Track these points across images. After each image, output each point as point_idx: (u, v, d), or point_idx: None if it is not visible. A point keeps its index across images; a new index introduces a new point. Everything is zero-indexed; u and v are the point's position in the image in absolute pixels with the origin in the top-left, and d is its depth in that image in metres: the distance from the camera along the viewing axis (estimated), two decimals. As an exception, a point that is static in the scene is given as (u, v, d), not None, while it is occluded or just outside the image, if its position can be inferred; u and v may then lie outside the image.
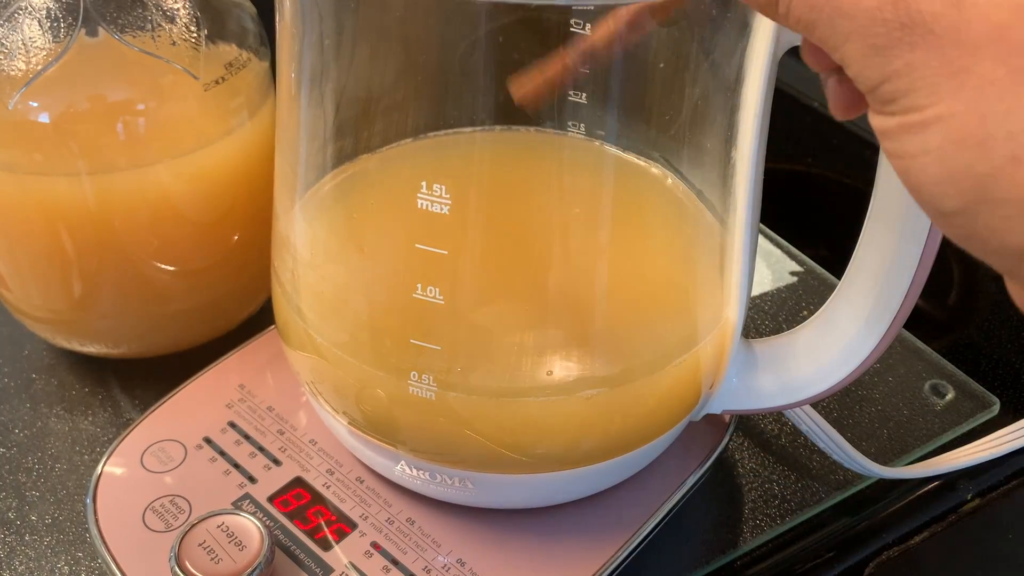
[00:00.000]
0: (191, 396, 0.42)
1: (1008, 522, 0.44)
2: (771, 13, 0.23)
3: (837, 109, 0.27)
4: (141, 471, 0.38)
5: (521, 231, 0.36)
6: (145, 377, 0.46)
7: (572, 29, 0.31)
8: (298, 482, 0.38)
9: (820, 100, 0.60)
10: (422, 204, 0.30)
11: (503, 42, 0.31)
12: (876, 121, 0.22)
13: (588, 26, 0.30)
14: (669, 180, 0.38)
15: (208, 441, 0.40)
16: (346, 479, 0.38)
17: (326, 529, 0.36)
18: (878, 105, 0.22)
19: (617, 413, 0.34)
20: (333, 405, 0.35)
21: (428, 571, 0.35)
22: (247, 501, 0.37)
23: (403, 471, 0.36)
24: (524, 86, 0.30)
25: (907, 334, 0.50)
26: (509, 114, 0.36)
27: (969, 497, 0.42)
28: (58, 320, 0.43)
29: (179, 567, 0.33)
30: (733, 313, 0.35)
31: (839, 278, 0.35)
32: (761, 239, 0.55)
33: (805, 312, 0.52)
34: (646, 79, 0.32)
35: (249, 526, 0.35)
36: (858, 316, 0.34)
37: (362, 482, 0.38)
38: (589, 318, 0.34)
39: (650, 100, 0.34)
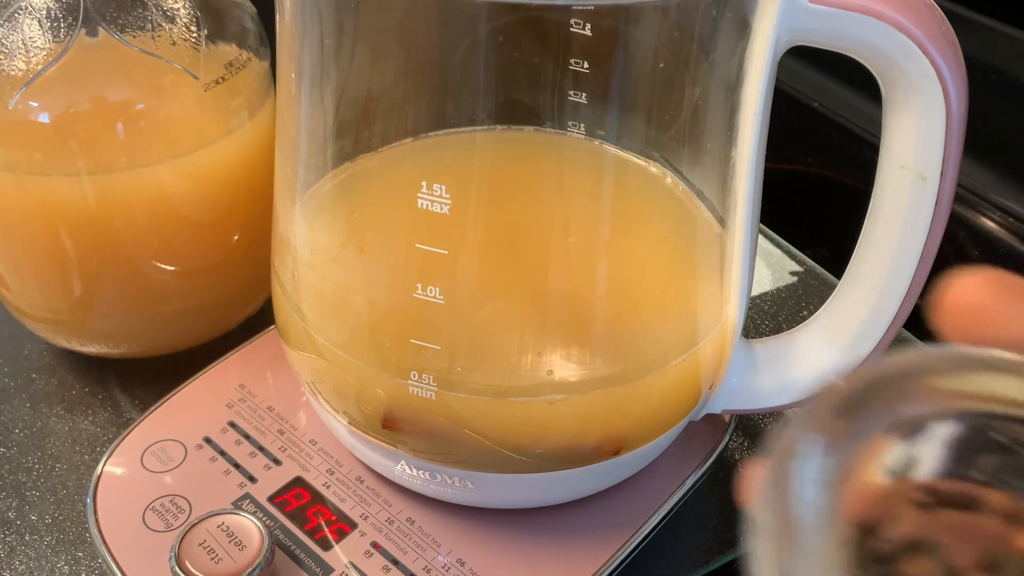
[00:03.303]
0: (191, 396, 0.42)
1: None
2: None
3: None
4: (141, 471, 0.38)
5: (521, 231, 0.36)
6: (145, 377, 0.46)
7: (572, 29, 0.31)
8: (298, 482, 0.38)
9: (820, 100, 0.60)
10: (422, 204, 0.30)
11: (503, 42, 0.31)
12: None
13: (588, 26, 0.30)
14: (669, 180, 0.38)
15: (208, 441, 0.40)
16: (346, 479, 0.38)
17: (326, 529, 0.36)
18: None
19: (617, 413, 0.34)
20: (333, 405, 0.35)
21: (428, 571, 0.35)
22: (247, 501, 0.37)
23: (403, 471, 0.36)
24: None
25: (907, 334, 0.50)
26: (509, 114, 0.36)
27: (969, 497, 0.42)
28: (58, 320, 0.43)
29: (179, 567, 0.33)
30: (733, 313, 0.35)
31: (839, 278, 0.35)
32: (761, 239, 0.55)
33: (805, 312, 0.52)
34: (646, 79, 0.32)
35: (249, 526, 0.35)
36: (858, 316, 0.34)
37: (362, 482, 0.38)
38: (589, 318, 0.34)
39: (650, 100, 0.34)
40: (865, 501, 0.19)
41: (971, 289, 0.19)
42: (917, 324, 0.46)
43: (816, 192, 0.61)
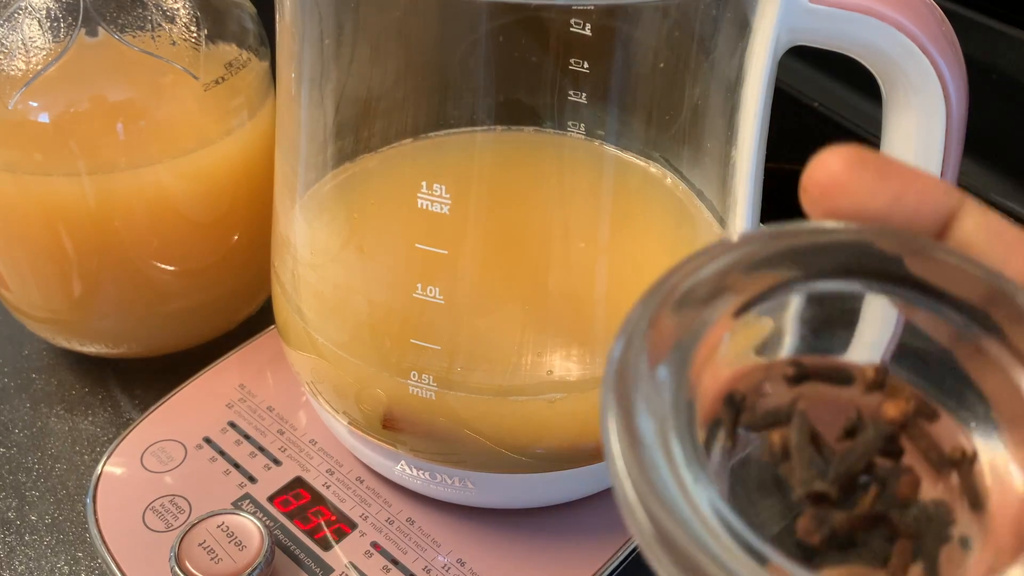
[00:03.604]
0: (191, 396, 0.41)
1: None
2: None
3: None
4: (141, 471, 0.38)
5: (521, 231, 0.36)
6: (145, 377, 0.46)
7: (572, 29, 0.31)
8: (298, 482, 0.38)
9: (820, 100, 0.60)
10: (422, 204, 0.30)
11: (503, 42, 0.31)
12: None
13: (588, 26, 0.30)
14: (668, 180, 0.38)
15: (208, 441, 0.39)
16: (346, 479, 0.38)
17: (326, 529, 0.36)
18: None
19: (617, 413, 0.34)
20: (333, 405, 0.35)
21: (428, 571, 0.35)
22: (247, 501, 0.37)
23: (403, 471, 0.36)
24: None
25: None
26: (509, 114, 0.36)
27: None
28: (58, 320, 0.43)
29: (179, 567, 0.33)
30: (733, 313, 0.35)
31: (839, 278, 0.35)
32: (761, 239, 0.55)
33: (805, 312, 0.52)
34: (646, 79, 0.32)
35: (249, 526, 0.35)
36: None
37: (362, 482, 0.38)
38: (589, 317, 0.34)
39: (650, 100, 0.34)
40: (736, 379, 0.19)
41: (830, 165, 0.19)
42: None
43: (816, 192, 0.61)
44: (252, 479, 0.38)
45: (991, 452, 0.18)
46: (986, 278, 0.18)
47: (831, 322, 0.20)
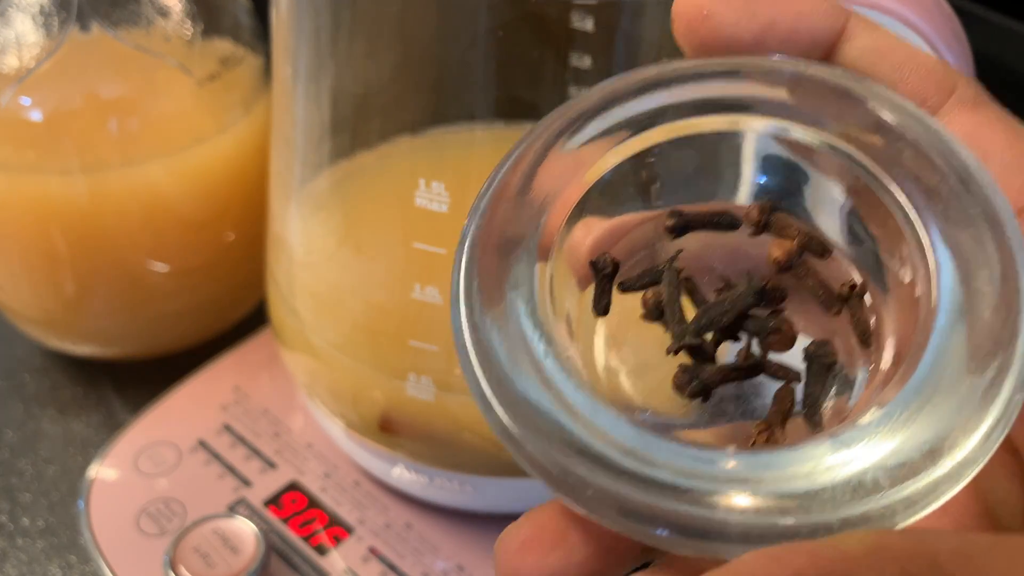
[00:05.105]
0: (185, 398, 0.41)
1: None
2: None
3: None
4: (135, 474, 0.38)
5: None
6: (139, 378, 0.46)
7: (573, 23, 0.30)
8: (294, 486, 0.38)
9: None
10: (420, 202, 0.30)
11: (503, 36, 0.30)
12: None
13: (590, 20, 0.30)
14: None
15: (203, 443, 0.39)
16: (343, 483, 0.38)
17: (322, 534, 0.36)
18: None
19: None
20: (330, 407, 0.35)
21: (426, 576, 0.35)
22: (242, 505, 0.37)
23: (401, 474, 0.35)
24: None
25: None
26: (509, 110, 0.36)
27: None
28: (50, 320, 0.43)
29: (173, 571, 0.33)
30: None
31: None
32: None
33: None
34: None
35: (244, 530, 0.34)
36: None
37: (359, 486, 0.38)
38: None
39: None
40: (617, 233, 0.18)
41: None
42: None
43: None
44: (247, 483, 0.38)
45: (880, 289, 0.18)
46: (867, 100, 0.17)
47: (710, 163, 0.19)
